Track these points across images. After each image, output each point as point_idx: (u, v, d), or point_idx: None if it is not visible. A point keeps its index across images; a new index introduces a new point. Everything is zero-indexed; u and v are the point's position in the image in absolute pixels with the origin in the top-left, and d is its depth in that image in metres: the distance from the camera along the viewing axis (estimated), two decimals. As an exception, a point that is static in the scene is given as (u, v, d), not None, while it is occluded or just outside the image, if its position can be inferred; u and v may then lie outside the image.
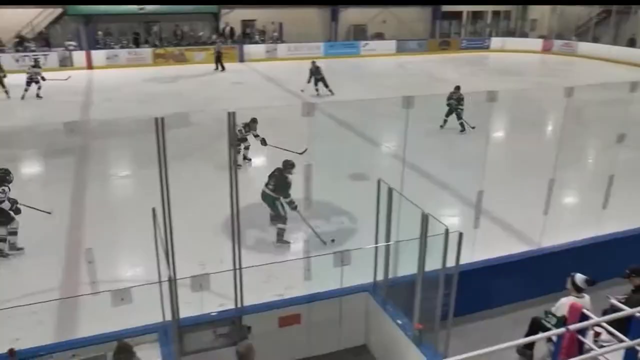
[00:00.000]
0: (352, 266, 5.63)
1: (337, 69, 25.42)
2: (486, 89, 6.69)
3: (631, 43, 29.72)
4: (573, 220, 10.20)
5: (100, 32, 26.94)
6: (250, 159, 12.55)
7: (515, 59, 30.15)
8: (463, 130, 14.83)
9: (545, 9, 34.59)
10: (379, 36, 31.72)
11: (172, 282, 4.72)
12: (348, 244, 8.46)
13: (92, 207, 10.03)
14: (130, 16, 26.98)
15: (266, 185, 8.66)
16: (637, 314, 4.82)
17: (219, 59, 25.35)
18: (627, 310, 4.82)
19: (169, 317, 5.06)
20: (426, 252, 5.09)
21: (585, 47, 31.14)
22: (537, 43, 32.95)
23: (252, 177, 11.62)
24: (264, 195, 8.65)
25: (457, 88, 15.25)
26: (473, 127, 14.59)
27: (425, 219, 4.92)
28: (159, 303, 5.27)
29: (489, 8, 34.54)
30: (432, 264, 5.11)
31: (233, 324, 5.61)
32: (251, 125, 12.00)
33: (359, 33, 31.59)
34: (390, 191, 5.65)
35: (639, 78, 21.66)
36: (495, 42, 33.35)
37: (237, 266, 5.36)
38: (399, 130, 6.47)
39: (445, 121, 15.37)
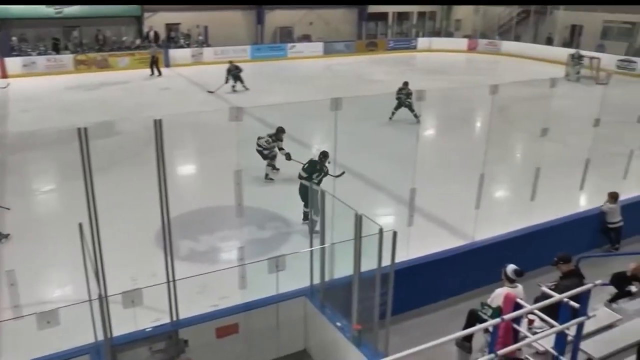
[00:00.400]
0: (288, 271, 5.62)
1: (265, 71, 25.40)
2: (415, 89, 6.87)
3: (549, 41, 31.42)
4: (504, 212, 10.64)
5: (14, 38, 25.61)
6: (278, 169, 12.01)
7: (442, 58, 31.10)
8: (418, 121, 15.70)
9: (469, 9, 35.92)
10: (306, 38, 31.90)
11: (103, 299, 4.56)
12: (283, 248, 8.45)
13: (13, 226, 9.51)
14: (48, 20, 25.79)
15: (303, 170, 9.44)
16: (565, 300, 5.07)
17: (155, 64, 24.76)
18: (556, 297, 5.06)
19: (101, 336, 4.87)
20: (362, 253, 5.15)
21: (508, 45, 32.54)
22: (462, 42, 34.13)
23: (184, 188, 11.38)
24: (302, 186, 9.20)
25: (406, 84, 16.55)
26: (417, 119, 15.73)
27: (359, 219, 4.98)
28: (90, 322, 5.08)
29: (414, 9, 35.44)
30: (369, 264, 5.18)
31: (169, 339, 5.48)
32: (278, 135, 11.60)
33: (286, 35, 31.66)
34: (322, 193, 5.69)
35: (558, 74, 22.83)
36: (422, 42, 34.26)
37: (170, 278, 5.24)
38: (329, 131, 6.52)
39: (393, 113, 16.52)
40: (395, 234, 4.92)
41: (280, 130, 11.69)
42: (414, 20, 36.16)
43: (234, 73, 20.55)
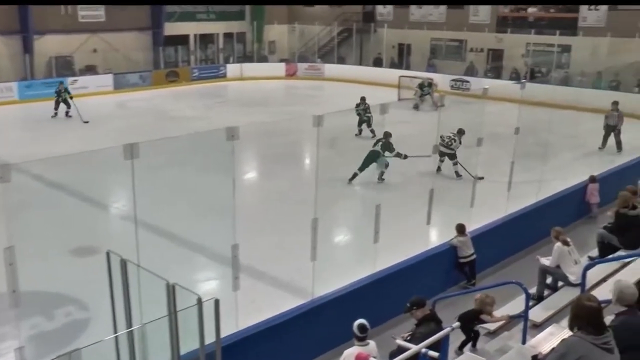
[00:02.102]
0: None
1: (39, 115, 23.97)
2: (227, 125, 6.99)
3: (377, 62, 34.16)
4: (346, 260, 11.15)
5: None
6: (461, 176, 15.21)
7: (257, 87, 32.09)
8: (374, 136, 18.49)
9: (283, 29, 37.81)
10: (91, 70, 30.93)
11: None
12: (81, 339, 7.97)
13: None
14: None
15: (374, 146, 15.13)
16: (423, 350, 5.39)
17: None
18: (413, 348, 5.36)
19: None
20: (180, 330, 5.06)
21: (331, 69, 34.80)
22: (279, 67, 35.68)
23: None
24: (373, 153, 14.98)
25: (363, 99, 20.51)
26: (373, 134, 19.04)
27: (171, 290, 4.91)
28: None
29: (219, 29, 36.32)
30: (191, 342, 5.10)
31: None
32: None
33: (64, 66, 30.37)
34: (124, 263, 5.52)
35: (390, 98, 24.67)
36: (232, 69, 35.09)
37: None
38: (127, 185, 6.38)
39: (360, 130, 20.19)
40: (217, 302, 4.91)
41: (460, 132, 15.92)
42: (220, 43, 36.93)
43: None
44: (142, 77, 31.74)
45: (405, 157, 15.35)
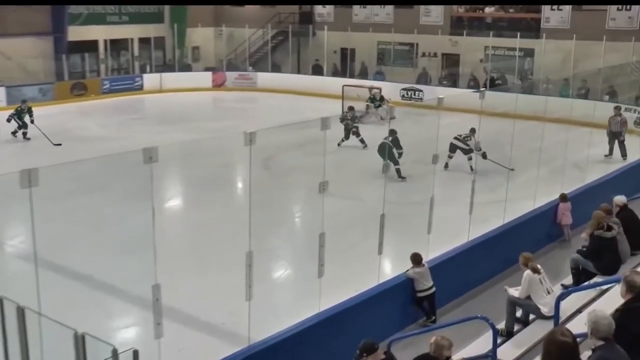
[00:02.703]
0: None
1: None
2: (145, 145, 6.90)
3: (317, 70, 34.44)
4: (287, 299, 11.10)
5: None
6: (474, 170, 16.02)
7: (179, 100, 31.87)
8: (365, 146, 20.85)
9: (208, 33, 37.76)
10: (-23, 83, 30.20)
11: None
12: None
13: None
14: None
15: (385, 138, 16.95)
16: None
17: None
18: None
19: None
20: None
21: (265, 78, 34.96)
22: (205, 77, 35.55)
23: None
24: (382, 146, 17.10)
25: (350, 108, 22.46)
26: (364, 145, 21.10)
27: (80, 341, 4.78)
28: None
29: (134, 33, 35.86)
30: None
31: None
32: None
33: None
34: (20, 311, 5.36)
35: (333, 111, 24.87)
36: (150, 79, 34.73)
37: None
38: (26, 218, 6.20)
39: (343, 140, 21.18)
40: (136, 353, 4.81)
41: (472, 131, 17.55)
42: (136, 49, 36.52)
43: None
44: (43, 90, 31.08)
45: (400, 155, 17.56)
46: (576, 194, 14.43)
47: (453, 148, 18.29)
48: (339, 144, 20.79)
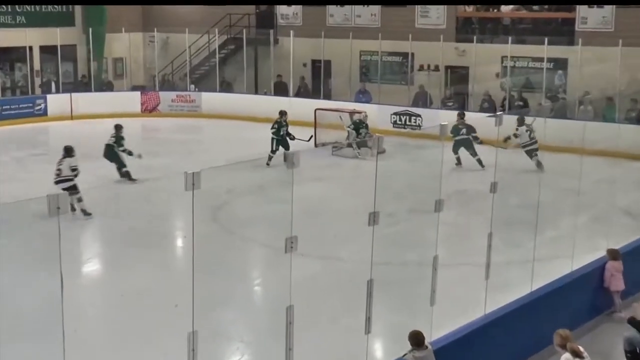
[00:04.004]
0: None
1: None
2: (50, 191, 6.85)
3: (280, 89, 34.53)
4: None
5: None
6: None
7: (97, 130, 31.20)
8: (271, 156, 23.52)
9: (136, 40, 37.59)
10: None
11: None
12: None
13: None
14: None
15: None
16: None
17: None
18: None
19: None
20: None
21: (211, 100, 34.96)
22: (132, 99, 35.27)
23: None
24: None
25: (283, 113, 24.95)
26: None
27: None
28: None
29: (34, 41, 34.75)
30: None
31: None
32: None
33: None
34: None
35: (300, 143, 24.92)
36: (57, 102, 33.88)
37: None
38: None
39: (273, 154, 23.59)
40: None
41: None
42: (36, 61, 36.03)
43: None
44: None
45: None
46: (629, 249, 14.31)
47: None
48: (267, 163, 22.66)
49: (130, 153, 22.14)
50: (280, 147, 24.25)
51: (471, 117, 25.19)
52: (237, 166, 19.22)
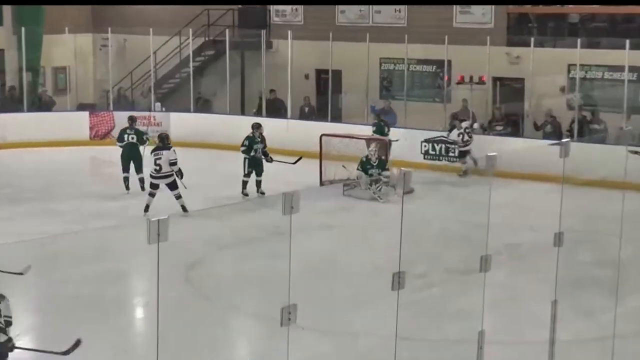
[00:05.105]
0: None
1: None
2: None
3: (275, 108, 34.53)
4: None
5: None
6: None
7: (31, 162, 31.57)
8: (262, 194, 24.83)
9: (84, 44, 37.73)
10: None
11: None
12: None
13: None
14: None
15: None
16: None
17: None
18: None
19: None
20: None
21: (183, 122, 34.81)
22: (78, 121, 34.97)
23: None
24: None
25: (257, 126, 26.61)
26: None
27: None
28: None
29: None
30: None
31: None
32: None
33: None
34: None
35: (303, 180, 25.23)
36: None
37: None
38: None
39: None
40: None
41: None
42: None
43: None
44: None
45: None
46: None
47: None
48: (243, 192, 24.86)
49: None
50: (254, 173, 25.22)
51: (527, 144, 25.17)
52: (217, 210, 19.27)
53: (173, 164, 21.52)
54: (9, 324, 13.59)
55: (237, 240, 20.21)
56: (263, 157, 25.21)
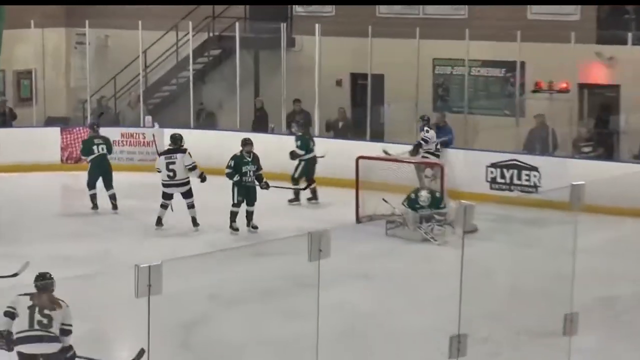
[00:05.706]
0: None
1: None
2: None
3: (298, 122, 33.97)
4: None
5: None
6: None
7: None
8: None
9: (56, 40, 38.00)
10: None
11: None
12: None
13: None
14: None
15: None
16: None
17: None
18: None
19: None
20: None
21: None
22: (48, 140, 35.15)
23: None
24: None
25: (246, 142, 26.84)
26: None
27: None
28: None
29: None
30: None
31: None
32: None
33: None
34: None
35: (336, 217, 25.52)
36: None
37: None
38: None
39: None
40: None
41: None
42: None
43: None
44: None
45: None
46: None
47: None
48: (232, 226, 25.24)
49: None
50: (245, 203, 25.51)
51: (623, 169, 25.09)
52: (224, 254, 19.30)
53: (191, 168, 21.86)
54: (68, 332, 14.57)
55: (249, 293, 20.24)
56: (256, 182, 25.18)
